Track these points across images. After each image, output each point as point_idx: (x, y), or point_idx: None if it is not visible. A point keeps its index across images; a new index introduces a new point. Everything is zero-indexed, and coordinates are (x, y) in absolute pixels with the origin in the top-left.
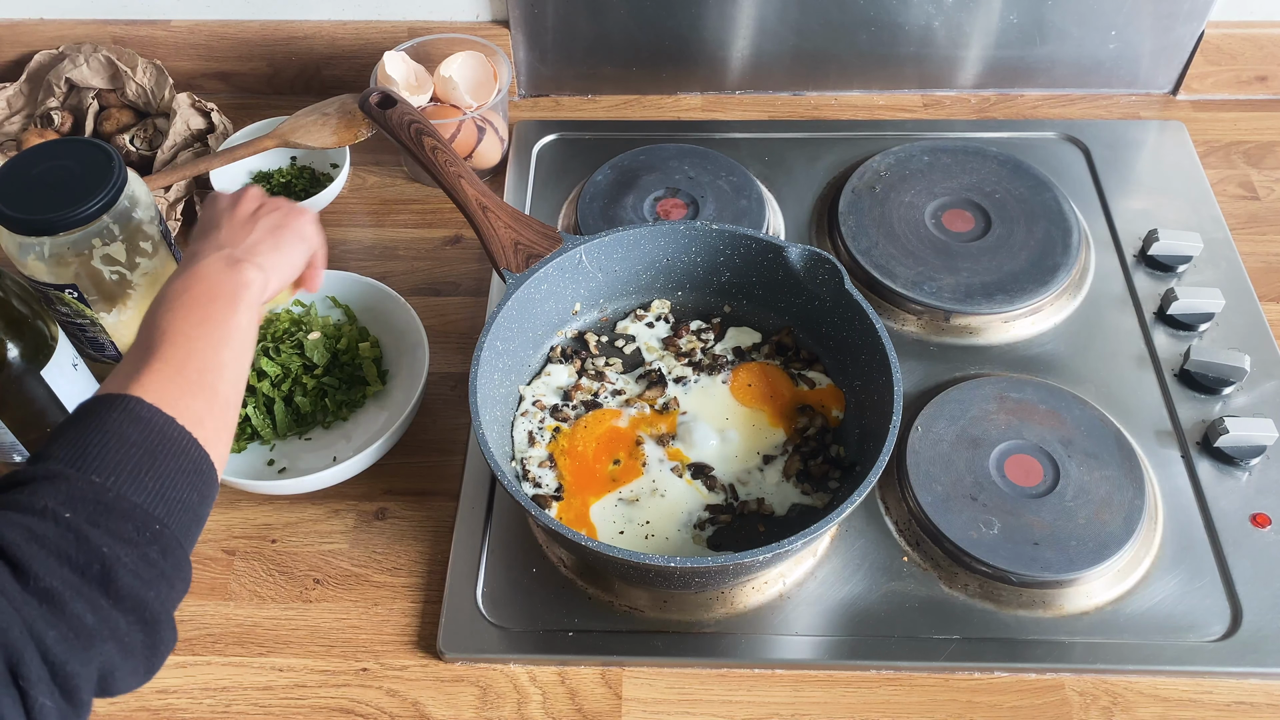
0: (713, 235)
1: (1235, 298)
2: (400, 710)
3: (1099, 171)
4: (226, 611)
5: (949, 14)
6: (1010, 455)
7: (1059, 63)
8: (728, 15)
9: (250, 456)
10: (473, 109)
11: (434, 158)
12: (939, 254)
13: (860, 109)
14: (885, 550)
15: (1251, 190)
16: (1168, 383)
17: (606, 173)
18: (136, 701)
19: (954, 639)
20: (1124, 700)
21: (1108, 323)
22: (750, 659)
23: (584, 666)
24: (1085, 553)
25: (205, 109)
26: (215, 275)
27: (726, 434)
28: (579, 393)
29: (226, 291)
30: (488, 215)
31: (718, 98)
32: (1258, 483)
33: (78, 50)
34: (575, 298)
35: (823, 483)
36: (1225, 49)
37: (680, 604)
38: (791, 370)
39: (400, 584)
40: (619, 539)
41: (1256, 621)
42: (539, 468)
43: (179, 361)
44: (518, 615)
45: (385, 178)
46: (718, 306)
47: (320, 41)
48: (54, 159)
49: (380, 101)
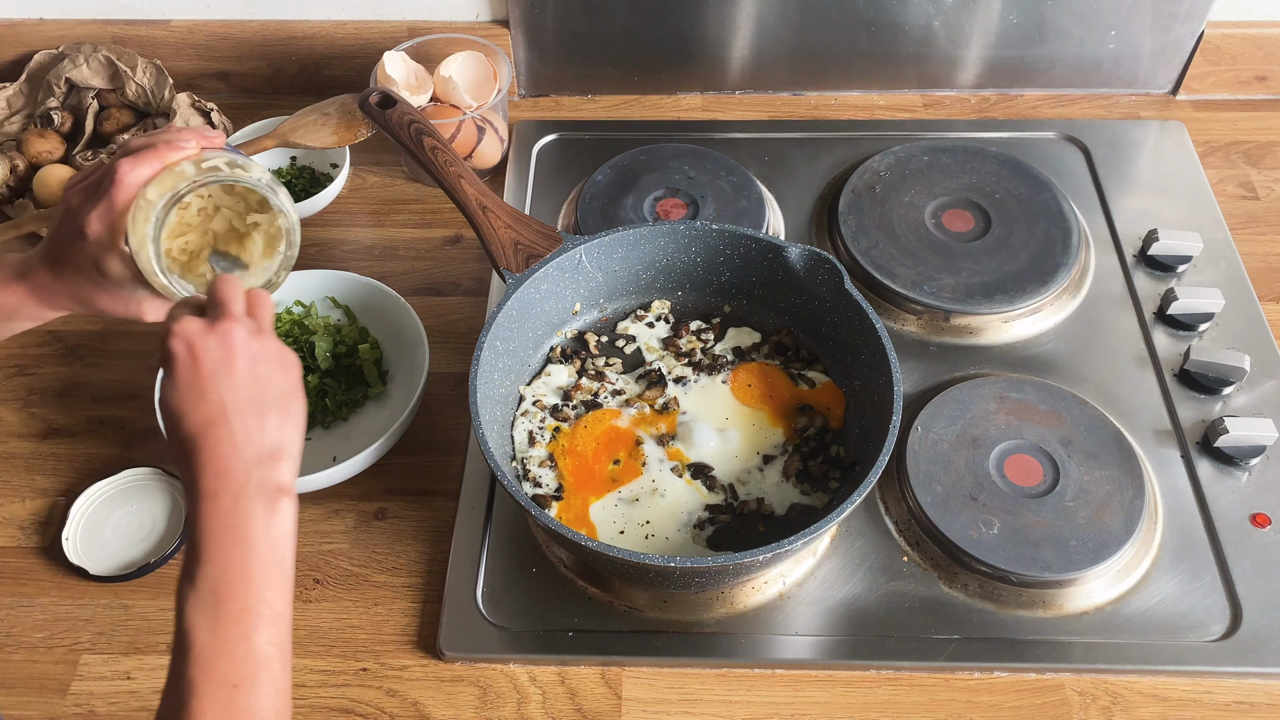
0: (713, 235)
1: (1235, 298)
2: (400, 710)
3: (1099, 171)
4: None
5: (949, 14)
6: (1010, 455)
7: (1059, 63)
8: (728, 15)
9: None
10: (473, 109)
11: (434, 158)
12: (939, 254)
13: (860, 109)
14: (885, 550)
15: (1251, 190)
16: (1168, 383)
17: (606, 173)
18: (136, 702)
19: (954, 639)
20: (1124, 700)
21: (1108, 323)
22: (750, 659)
23: (584, 666)
24: (1085, 553)
25: (205, 109)
26: (262, 541)
27: (726, 434)
28: (579, 393)
29: (278, 557)
30: (488, 215)
31: (718, 98)
32: (1258, 483)
33: (78, 50)
34: (575, 298)
35: (823, 483)
36: (1225, 49)
37: (680, 604)
38: (791, 370)
39: (400, 584)
40: (619, 539)
41: (1256, 621)
42: (539, 468)
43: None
44: (518, 615)
45: (385, 178)
46: (718, 306)
47: (320, 41)
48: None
49: (380, 101)
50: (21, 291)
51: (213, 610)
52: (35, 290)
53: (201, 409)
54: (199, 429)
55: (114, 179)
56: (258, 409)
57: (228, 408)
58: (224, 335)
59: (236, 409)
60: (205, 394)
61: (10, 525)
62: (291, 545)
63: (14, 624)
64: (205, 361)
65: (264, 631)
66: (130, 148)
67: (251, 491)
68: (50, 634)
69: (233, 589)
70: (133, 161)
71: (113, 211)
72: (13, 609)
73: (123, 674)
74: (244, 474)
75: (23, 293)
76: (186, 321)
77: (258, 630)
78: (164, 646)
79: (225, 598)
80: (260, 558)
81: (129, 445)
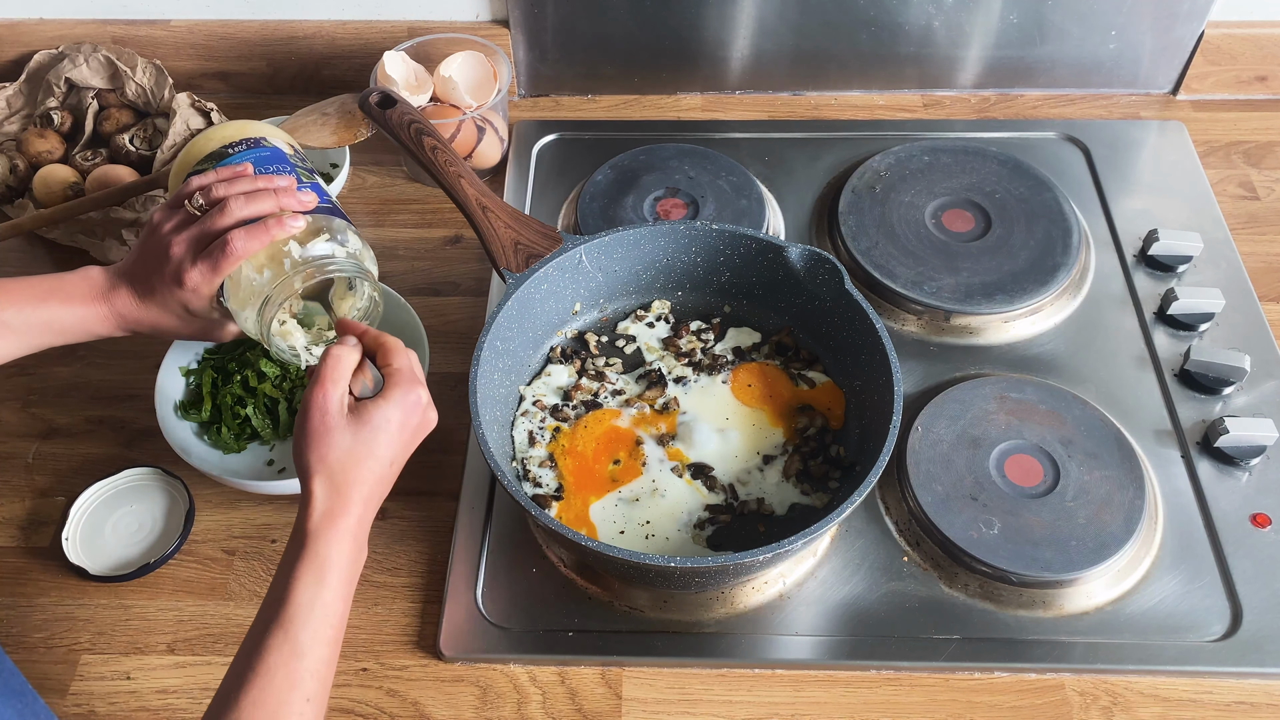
0: (713, 235)
1: (1235, 298)
2: (400, 710)
3: (1099, 171)
4: (226, 611)
5: (949, 14)
6: (1010, 455)
7: (1059, 63)
8: (728, 15)
9: (250, 456)
10: (473, 109)
11: (434, 158)
12: (939, 254)
13: (860, 109)
14: (885, 550)
15: (1251, 190)
16: (1168, 383)
17: (606, 173)
18: (136, 702)
19: (954, 639)
20: (1124, 700)
21: (1108, 323)
22: (750, 659)
23: (584, 666)
24: (1085, 553)
25: (205, 109)
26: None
27: (726, 434)
28: (579, 393)
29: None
30: (488, 215)
31: (718, 98)
32: (1258, 483)
33: (77, 50)
34: (575, 298)
35: (823, 483)
36: (1225, 49)
37: (680, 604)
38: (791, 370)
39: (400, 584)
40: (619, 539)
41: (1256, 621)
42: (539, 468)
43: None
44: (518, 615)
45: (385, 178)
46: (718, 306)
47: (320, 41)
48: None
49: (380, 101)
50: (102, 312)
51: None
52: (115, 314)
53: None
54: (394, 472)
55: (225, 250)
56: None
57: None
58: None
59: (394, 465)
60: (409, 447)
61: (10, 525)
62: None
63: (14, 624)
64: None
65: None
66: (241, 215)
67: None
68: (50, 634)
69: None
70: (245, 237)
71: (216, 275)
72: (12, 609)
73: (122, 674)
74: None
75: (103, 313)
76: (423, 390)
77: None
78: (164, 646)
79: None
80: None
81: (129, 445)
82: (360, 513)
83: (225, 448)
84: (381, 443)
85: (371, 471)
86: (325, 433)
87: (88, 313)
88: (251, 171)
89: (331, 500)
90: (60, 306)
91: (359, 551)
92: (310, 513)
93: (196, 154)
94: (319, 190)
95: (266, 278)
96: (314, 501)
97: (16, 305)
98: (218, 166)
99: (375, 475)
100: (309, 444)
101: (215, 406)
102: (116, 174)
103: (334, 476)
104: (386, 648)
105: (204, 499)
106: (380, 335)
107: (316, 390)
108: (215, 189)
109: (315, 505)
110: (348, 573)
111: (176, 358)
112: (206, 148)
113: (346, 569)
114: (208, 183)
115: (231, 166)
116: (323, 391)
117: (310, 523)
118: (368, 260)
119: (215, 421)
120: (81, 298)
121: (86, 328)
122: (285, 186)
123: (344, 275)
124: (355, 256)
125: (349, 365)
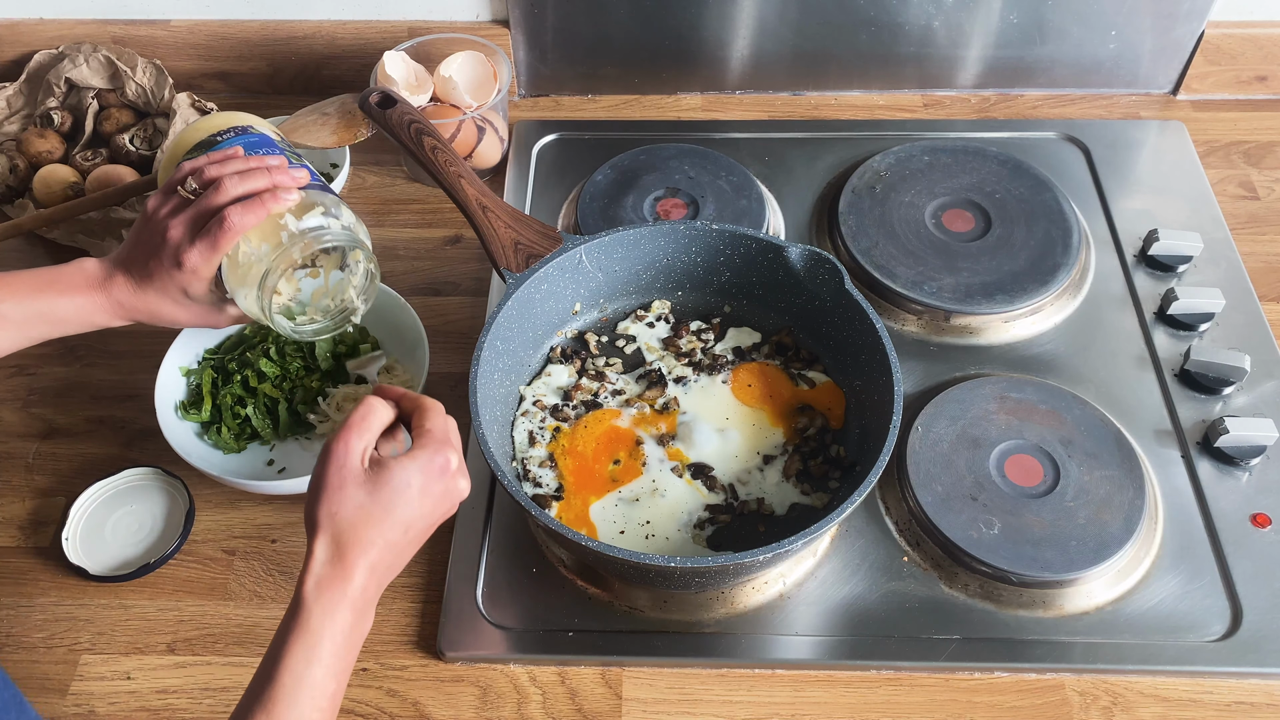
0: (713, 235)
1: (1235, 298)
2: (400, 710)
3: (1099, 171)
4: (226, 611)
5: (949, 14)
6: (1010, 455)
7: (1059, 63)
8: (728, 15)
9: (250, 456)
10: (473, 109)
11: (434, 158)
12: (939, 254)
13: (860, 109)
14: (885, 550)
15: (1251, 190)
16: (1168, 383)
17: (606, 173)
18: (136, 702)
19: (954, 639)
20: (1124, 700)
21: (1108, 323)
22: (750, 659)
23: (584, 666)
24: (1085, 553)
25: (205, 109)
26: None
27: (726, 434)
28: (579, 393)
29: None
30: (488, 215)
31: (718, 98)
32: (1258, 483)
33: (77, 50)
34: (575, 298)
35: (823, 483)
36: (1225, 49)
37: (680, 604)
38: (791, 370)
39: (400, 584)
40: (619, 539)
41: (1256, 621)
42: (539, 468)
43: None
44: (518, 615)
45: (385, 178)
46: (718, 306)
47: (320, 41)
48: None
49: (380, 101)
50: (100, 300)
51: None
52: (112, 302)
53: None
54: (410, 540)
55: (222, 226)
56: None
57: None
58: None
59: (422, 530)
60: (432, 516)
61: (10, 525)
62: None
63: (14, 624)
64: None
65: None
66: (237, 193)
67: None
68: (50, 634)
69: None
70: (242, 212)
71: (215, 253)
72: (13, 609)
73: (122, 674)
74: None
75: (101, 302)
76: (454, 454)
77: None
78: (163, 646)
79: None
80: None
81: (129, 445)
82: (363, 581)
83: (225, 448)
84: (399, 505)
85: (383, 535)
86: (339, 487)
87: (85, 302)
88: (242, 153)
89: (332, 564)
90: (58, 297)
91: (359, 621)
92: (307, 576)
93: (185, 144)
94: (309, 170)
95: (265, 251)
96: (312, 563)
97: (14, 297)
98: (208, 153)
99: (387, 541)
100: (320, 497)
101: (215, 406)
102: (116, 174)
103: (340, 536)
104: (386, 648)
105: (204, 499)
106: (420, 398)
107: (338, 439)
108: (208, 170)
109: (313, 568)
110: (343, 646)
111: (176, 358)
112: (195, 137)
113: (342, 643)
114: (200, 165)
115: (222, 150)
116: (344, 443)
117: (305, 588)
118: (361, 233)
119: (215, 421)
120: (79, 287)
121: (84, 317)
122: (277, 165)
123: (340, 245)
124: (350, 229)
125: (380, 420)
